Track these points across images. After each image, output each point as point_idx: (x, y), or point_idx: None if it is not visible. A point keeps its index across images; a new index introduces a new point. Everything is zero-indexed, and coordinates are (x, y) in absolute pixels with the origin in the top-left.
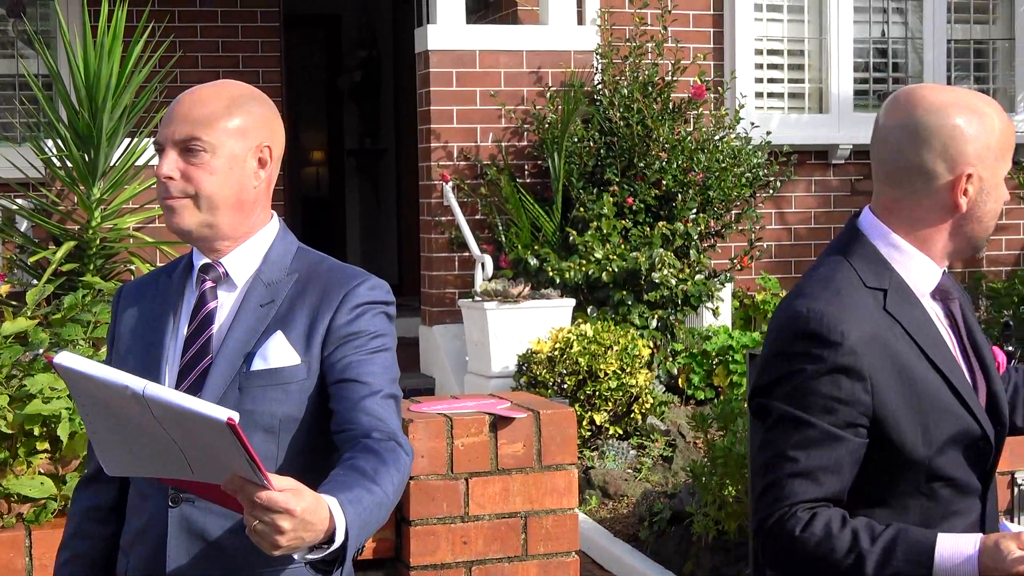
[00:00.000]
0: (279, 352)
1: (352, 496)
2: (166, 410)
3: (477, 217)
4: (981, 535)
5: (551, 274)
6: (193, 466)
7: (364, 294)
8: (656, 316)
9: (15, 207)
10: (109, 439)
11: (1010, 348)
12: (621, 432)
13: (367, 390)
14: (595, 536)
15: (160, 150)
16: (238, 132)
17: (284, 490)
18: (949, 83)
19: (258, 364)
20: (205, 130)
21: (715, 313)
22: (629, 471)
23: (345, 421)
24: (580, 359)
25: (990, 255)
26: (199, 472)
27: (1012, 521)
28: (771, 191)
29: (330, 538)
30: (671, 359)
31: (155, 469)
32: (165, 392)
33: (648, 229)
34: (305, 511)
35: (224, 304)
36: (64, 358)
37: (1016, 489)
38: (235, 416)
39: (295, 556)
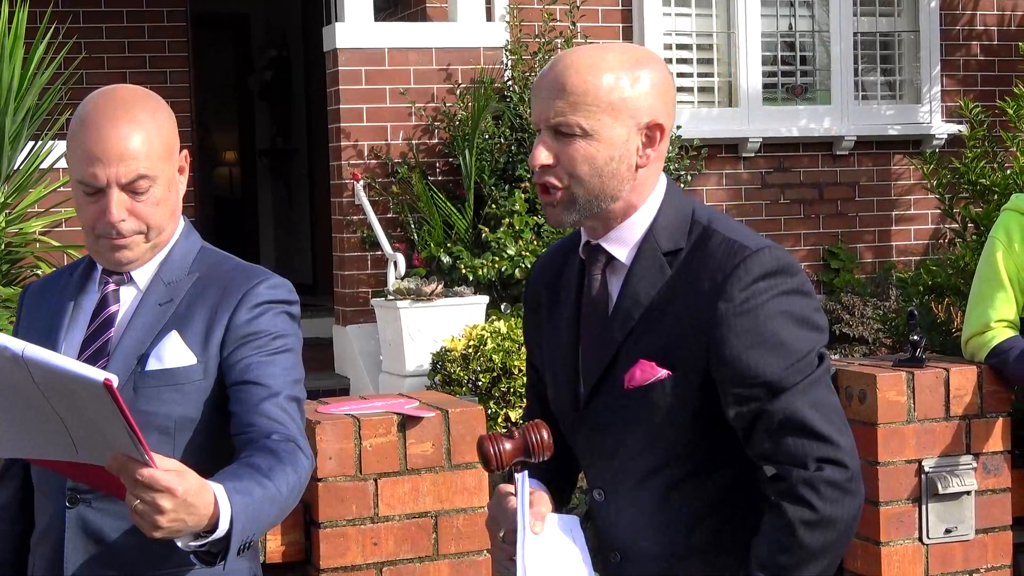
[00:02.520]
0: (174, 352)
1: (241, 487)
2: (45, 373)
3: (389, 216)
4: None
5: (464, 272)
6: (78, 445)
7: (264, 293)
8: None
9: None
10: (1, 416)
11: (915, 337)
12: None
13: (266, 392)
14: None
15: (95, 191)
16: (167, 153)
17: (167, 470)
18: (856, 75)
19: (153, 364)
20: (147, 165)
21: None
22: None
23: (244, 424)
24: (494, 356)
25: (899, 245)
26: (83, 452)
27: (921, 508)
28: (682, 185)
29: (215, 527)
30: None
31: (43, 450)
32: (44, 353)
33: None
34: (187, 492)
35: (124, 304)
36: None
37: (923, 477)
38: (113, 379)
39: (178, 543)
